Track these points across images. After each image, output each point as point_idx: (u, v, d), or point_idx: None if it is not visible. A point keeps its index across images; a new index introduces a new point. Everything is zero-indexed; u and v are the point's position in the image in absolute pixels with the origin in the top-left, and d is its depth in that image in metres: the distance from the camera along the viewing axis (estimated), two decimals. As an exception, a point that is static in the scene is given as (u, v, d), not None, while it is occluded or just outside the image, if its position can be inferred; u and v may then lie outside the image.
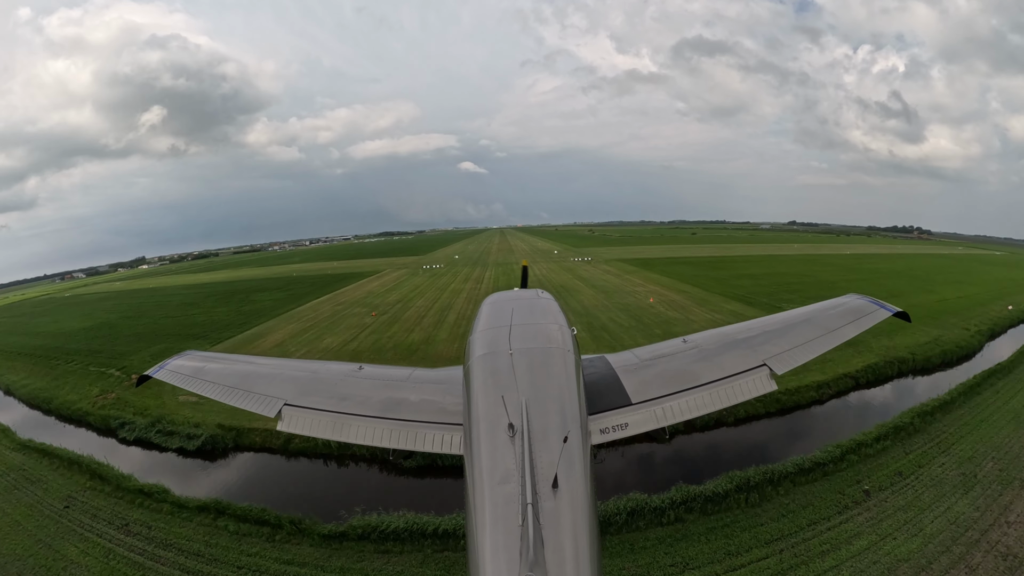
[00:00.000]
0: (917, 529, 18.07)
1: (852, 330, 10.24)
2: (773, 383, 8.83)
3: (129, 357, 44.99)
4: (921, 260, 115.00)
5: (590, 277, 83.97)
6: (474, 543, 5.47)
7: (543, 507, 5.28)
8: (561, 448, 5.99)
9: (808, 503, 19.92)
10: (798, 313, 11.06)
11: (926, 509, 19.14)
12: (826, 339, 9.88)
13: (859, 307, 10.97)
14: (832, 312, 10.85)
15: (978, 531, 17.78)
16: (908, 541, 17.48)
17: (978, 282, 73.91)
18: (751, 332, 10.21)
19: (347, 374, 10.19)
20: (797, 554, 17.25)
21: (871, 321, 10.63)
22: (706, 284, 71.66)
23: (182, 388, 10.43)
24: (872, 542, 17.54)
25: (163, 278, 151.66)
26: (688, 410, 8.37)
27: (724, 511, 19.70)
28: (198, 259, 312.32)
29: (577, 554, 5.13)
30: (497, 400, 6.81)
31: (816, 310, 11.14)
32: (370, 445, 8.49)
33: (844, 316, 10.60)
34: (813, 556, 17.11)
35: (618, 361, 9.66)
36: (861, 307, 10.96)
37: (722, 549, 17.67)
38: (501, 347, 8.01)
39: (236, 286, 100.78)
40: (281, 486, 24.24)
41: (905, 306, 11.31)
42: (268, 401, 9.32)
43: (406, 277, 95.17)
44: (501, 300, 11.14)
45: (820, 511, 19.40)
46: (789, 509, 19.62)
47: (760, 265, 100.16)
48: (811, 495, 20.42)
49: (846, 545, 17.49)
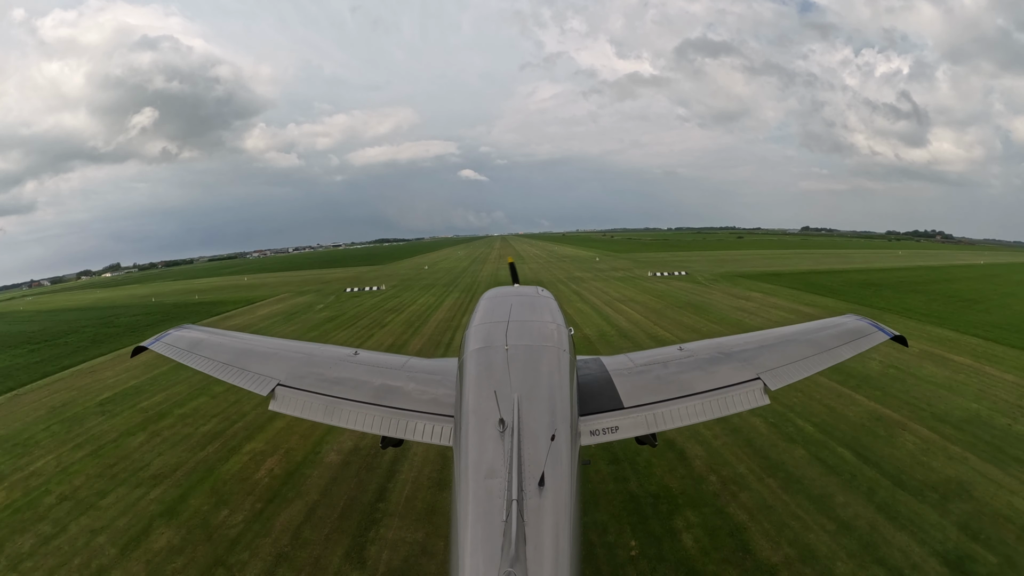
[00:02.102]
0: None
1: (849, 351, 10.08)
2: (766, 398, 8.61)
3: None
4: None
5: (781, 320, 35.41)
6: (456, 536, 5.38)
7: (528, 504, 5.14)
8: (549, 446, 5.89)
9: None
10: (795, 330, 11.06)
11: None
12: (822, 358, 9.72)
13: (858, 328, 10.76)
14: (830, 331, 10.69)
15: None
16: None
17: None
18: (747, 345, 10.05)
19: (342, 358, 10.00)
20: None
21: (869, 343, 10.44)
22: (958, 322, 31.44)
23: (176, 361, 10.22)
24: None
25: (83, 293, 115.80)
26: (679, 417, 8.19)
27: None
28: (170, 266, 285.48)
29: (558, 553, 5.02)
30: (489, 395, 6.59)
31: (813, 328, 11.05)
32: (360, 431, 8.48)
33: (842, 336, 10.45)
34: None
35: (612, 364, 9.53)
36: (860, 328, 10.75)
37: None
38: (497, 342, 7.90)
39: (76, 316, 58.80)
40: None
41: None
42: (262, 380, 9.20)
43: (278, 321, 46.07)
44: (500, 295, 11.11)
45: None
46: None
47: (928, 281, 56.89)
48: None
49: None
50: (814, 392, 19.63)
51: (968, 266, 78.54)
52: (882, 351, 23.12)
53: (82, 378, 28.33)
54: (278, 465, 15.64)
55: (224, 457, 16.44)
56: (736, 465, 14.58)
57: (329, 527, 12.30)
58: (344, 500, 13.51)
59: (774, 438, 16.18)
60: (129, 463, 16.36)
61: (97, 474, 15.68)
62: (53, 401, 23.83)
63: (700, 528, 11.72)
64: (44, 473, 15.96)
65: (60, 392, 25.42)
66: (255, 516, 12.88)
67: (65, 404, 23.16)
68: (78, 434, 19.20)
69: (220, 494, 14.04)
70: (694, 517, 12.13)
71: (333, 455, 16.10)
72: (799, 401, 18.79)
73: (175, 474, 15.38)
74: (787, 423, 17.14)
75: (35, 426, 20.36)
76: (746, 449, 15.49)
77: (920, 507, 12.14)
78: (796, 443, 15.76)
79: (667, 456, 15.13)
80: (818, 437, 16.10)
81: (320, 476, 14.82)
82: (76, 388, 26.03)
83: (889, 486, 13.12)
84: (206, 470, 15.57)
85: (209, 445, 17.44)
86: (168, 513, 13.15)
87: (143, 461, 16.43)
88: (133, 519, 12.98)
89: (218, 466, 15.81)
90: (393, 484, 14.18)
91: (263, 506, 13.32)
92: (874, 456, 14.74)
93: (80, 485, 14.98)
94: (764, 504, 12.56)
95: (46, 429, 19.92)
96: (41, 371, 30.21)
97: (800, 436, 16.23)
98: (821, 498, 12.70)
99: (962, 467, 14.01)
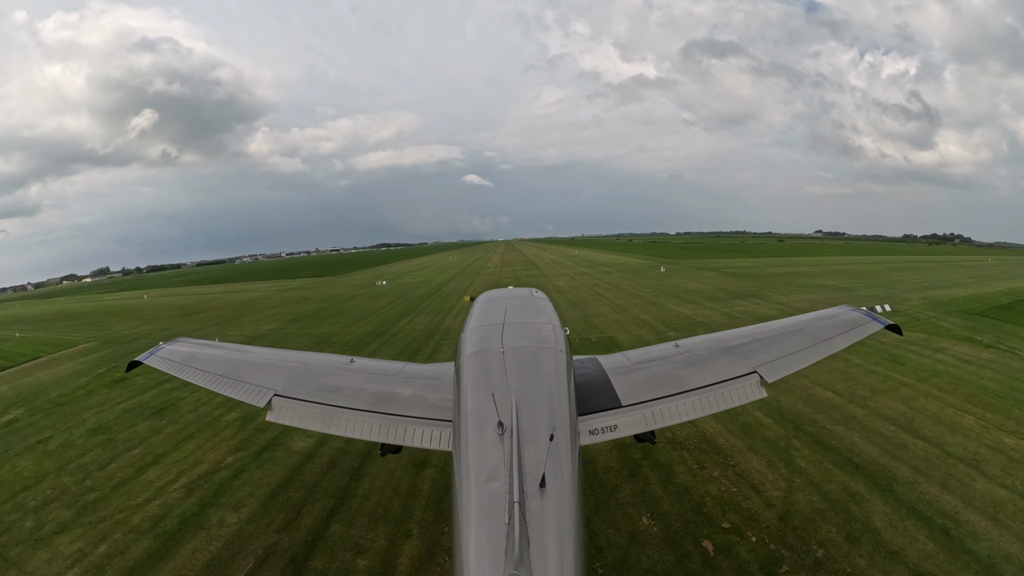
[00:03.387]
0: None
1: (843, 341, 9.95)
2: (763, 391, 8.58)
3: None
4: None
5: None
6: (459, 540, 5.33)
7: (530, 506, 5.11)
8: (549, 447, 5.81)
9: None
10: (789, 323, 10.93)
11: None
12: (817, 349, 9.64)
13: (852, 319, 10.67)
14: (824, 323, 10.60)
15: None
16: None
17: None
18: (742, 339, 9.98)
19: (338, 366, 9.90)
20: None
21: (863, 333, 10.27)
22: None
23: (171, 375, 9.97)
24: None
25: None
26: (678, 414, 8.14)
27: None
28: (155, 271, 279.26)
29: (562, 554, 4.98)
30: (487, 398, 6.54)
31: (808, 320, 10.95)
32: (359, 438, 8.37)
33: (836, 328, 10.31)
34: None
35: (609, 363, 9.41)
36: (854, 319, 10.66)
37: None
38: (493, 345, 7.86)
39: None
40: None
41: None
42: (258, 391, 9.07)
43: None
44: (495, 298, 11.01)
45: None
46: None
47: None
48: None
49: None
50: None
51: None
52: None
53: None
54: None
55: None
56: None
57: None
58: None
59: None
60: None
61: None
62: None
63: None
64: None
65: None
66: None
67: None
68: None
69: None
70: None
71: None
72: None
73: None
74: None
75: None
76: None
77: None
78: None
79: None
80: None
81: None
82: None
83: None
84: None
85: None
86: None
87: None
88: None
89: None
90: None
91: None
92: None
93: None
94: None
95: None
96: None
97: None
98: None
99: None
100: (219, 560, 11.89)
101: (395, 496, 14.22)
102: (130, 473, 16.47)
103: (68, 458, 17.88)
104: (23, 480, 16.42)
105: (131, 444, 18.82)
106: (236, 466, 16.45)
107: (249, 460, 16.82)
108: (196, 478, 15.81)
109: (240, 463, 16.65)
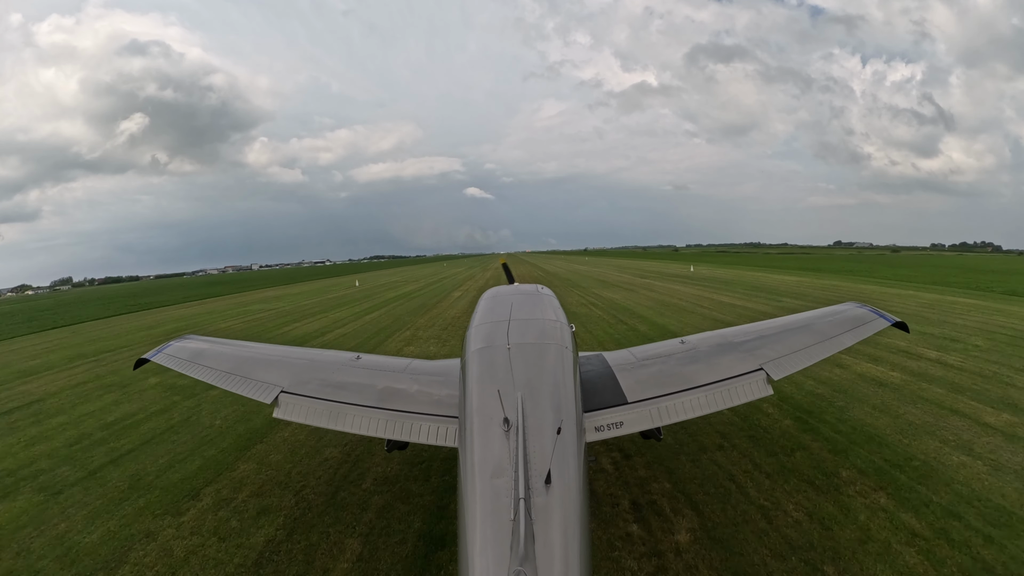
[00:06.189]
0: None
1: (851, 338, 9.69)
2: (769, 388, 8.22)
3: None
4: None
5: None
6: (464, 537, 5.02)
7: (535, 502, 4.83)
8: (555, 443, 5.51)
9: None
10: (796, 319, 10.83)
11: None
12: (824, 346, 9.33)
13: (859, 316, 10.54)
14: (831, 319, 10.46)
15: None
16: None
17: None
18: (748, 336, 9.75)
19: (345, 363, 9.84)
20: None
21: (870, 330, 10.06)
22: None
23: (178, 372, 10.21)
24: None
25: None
26: (684, 411, 7.82)
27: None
28: (109, 282, 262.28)
29: (567, 550, 4.64)
30: (493, 394, 6.24)
31: (814, 317, 10.82)
32: (366, 435, 8.12)
33: (843, 324, 10.14)
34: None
35: (615, 359, 9.22)
36: (861, 316, 10.52)
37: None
38: (499, 341, 7.60)
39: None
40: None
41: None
42: (265, 388, 8.94)
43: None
44: (501, 294, 10.96)
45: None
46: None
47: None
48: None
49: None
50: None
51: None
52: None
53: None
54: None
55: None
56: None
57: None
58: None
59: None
60: None
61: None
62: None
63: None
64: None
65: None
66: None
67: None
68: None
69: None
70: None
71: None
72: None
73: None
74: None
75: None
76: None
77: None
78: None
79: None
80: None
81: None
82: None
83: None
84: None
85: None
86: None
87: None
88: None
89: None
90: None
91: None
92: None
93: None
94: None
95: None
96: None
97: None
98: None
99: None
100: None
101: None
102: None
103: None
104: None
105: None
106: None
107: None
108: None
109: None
